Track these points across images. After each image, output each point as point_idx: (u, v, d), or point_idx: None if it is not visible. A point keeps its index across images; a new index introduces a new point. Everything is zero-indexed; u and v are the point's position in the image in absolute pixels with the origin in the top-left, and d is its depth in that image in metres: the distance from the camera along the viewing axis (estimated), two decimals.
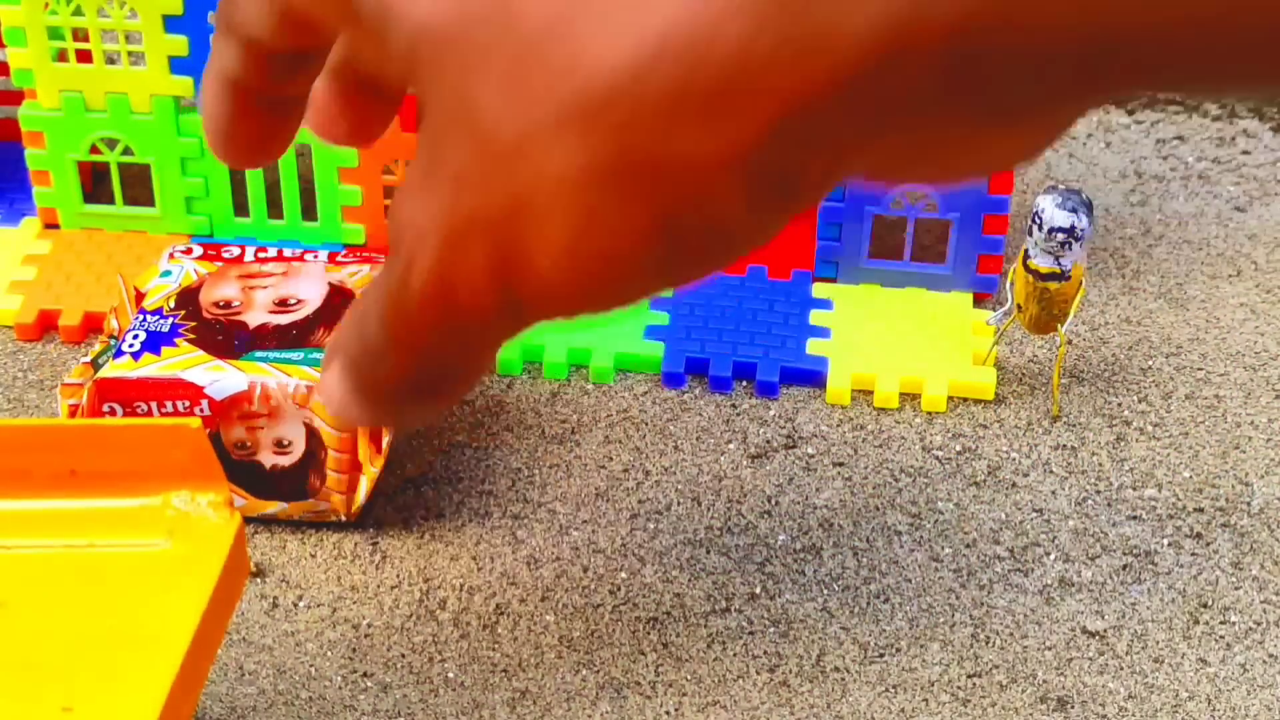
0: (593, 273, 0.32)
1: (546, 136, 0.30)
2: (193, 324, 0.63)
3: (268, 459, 0.61)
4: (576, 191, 0.31)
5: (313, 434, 0.60)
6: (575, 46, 0.30)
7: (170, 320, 0.63)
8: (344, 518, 0.62)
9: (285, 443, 0.61)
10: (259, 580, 0.62)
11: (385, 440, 0.61)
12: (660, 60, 0.29)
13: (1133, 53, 0.29)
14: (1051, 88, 0.30)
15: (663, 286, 0.34)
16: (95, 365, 0.62)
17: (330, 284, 0.65)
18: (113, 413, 0.60)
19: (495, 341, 0.36)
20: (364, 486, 0.61)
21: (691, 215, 0.31)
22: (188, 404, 0.60)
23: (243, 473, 0.61)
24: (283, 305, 0.64)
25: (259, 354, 0.61)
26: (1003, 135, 0.32)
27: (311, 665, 0.58)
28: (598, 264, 0.32)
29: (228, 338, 0.62)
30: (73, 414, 0.61)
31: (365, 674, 0.58)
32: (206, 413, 0.60)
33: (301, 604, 0.61)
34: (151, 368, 0.60)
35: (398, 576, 0.62)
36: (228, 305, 0.64)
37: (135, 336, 0.62)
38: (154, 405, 0.60)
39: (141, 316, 0.63)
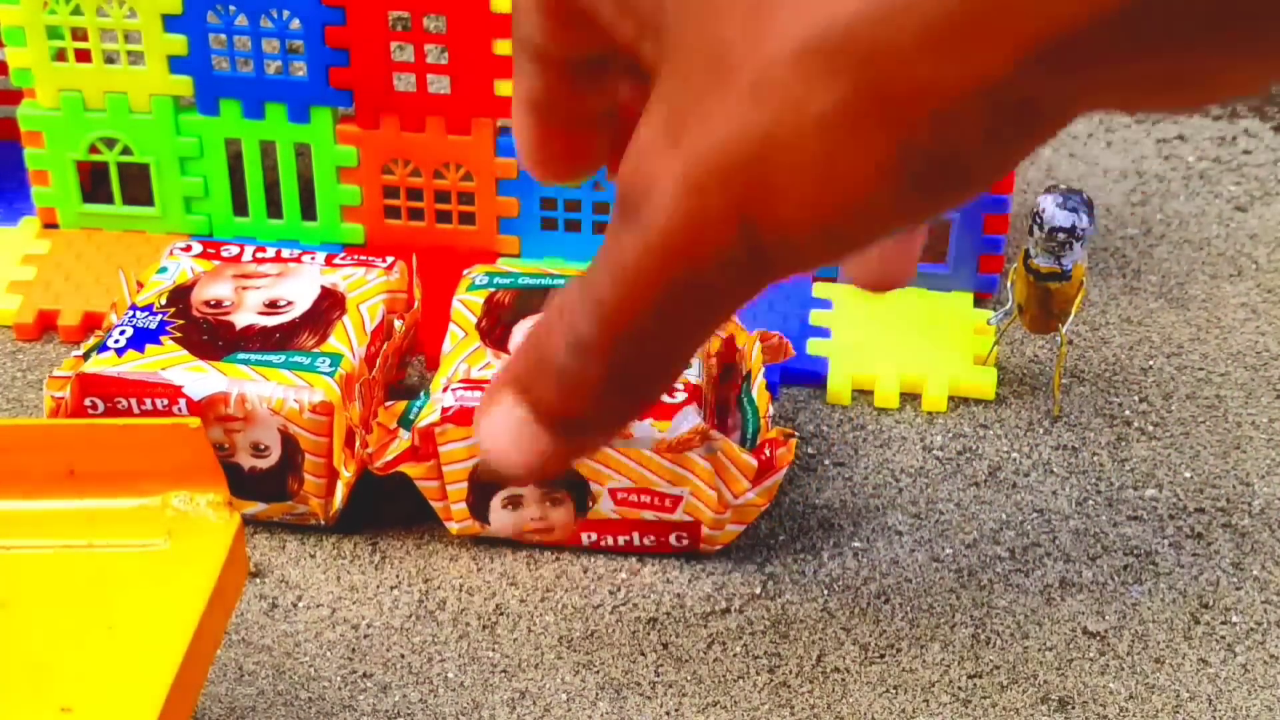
0: (836, 210, 0.32)
1: (791, 71, 0.30)
2: (180, 322, 0.63)
3: (246, 461, 0.61)
4: (821, 126, 0.31)
5: (289, 439, 0.60)
6: None
7: (159, 318, 0.63)
8: (323, 521, 0.62)
9: (262, 447, 0.61)
10: (258, 580, 0.61)
11: (358, 447, 0.61)
12: None
13: None
14: None
15: (897, 226, 0.34)
16: (85, 358, 0.62)
17: (323, 287, 0.65)
18: (94, 408, 0.60)
19: (734, 302, 0.35)
20: (340, 491, 0.61)
21: (934, 148, 0.31)
22: (166, 402, 0.60)
23: None
24: (272, 307, 0.64)
25: (241, 356, 0.61)
26: (1261, 60, 0.32)
27: (311, 666, 0.58)
28: (841, 200, 0.31)
29: (213, 338, 0.62)
30: (56, 407, 0.61)
31: (365, 674, 0.58)
32: (184, 412, 0.60)
33: (301, 604, 0.61)
34: (131, 365, 0.60)
35: (397, 576, 0.62)
36: (218, 305, 0.64)
37: (122, 332, 0.62)
38: (134, 402, 0.60)
39: (131, 312, 0.63)
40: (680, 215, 0.33)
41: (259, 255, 0.67)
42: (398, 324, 0.66)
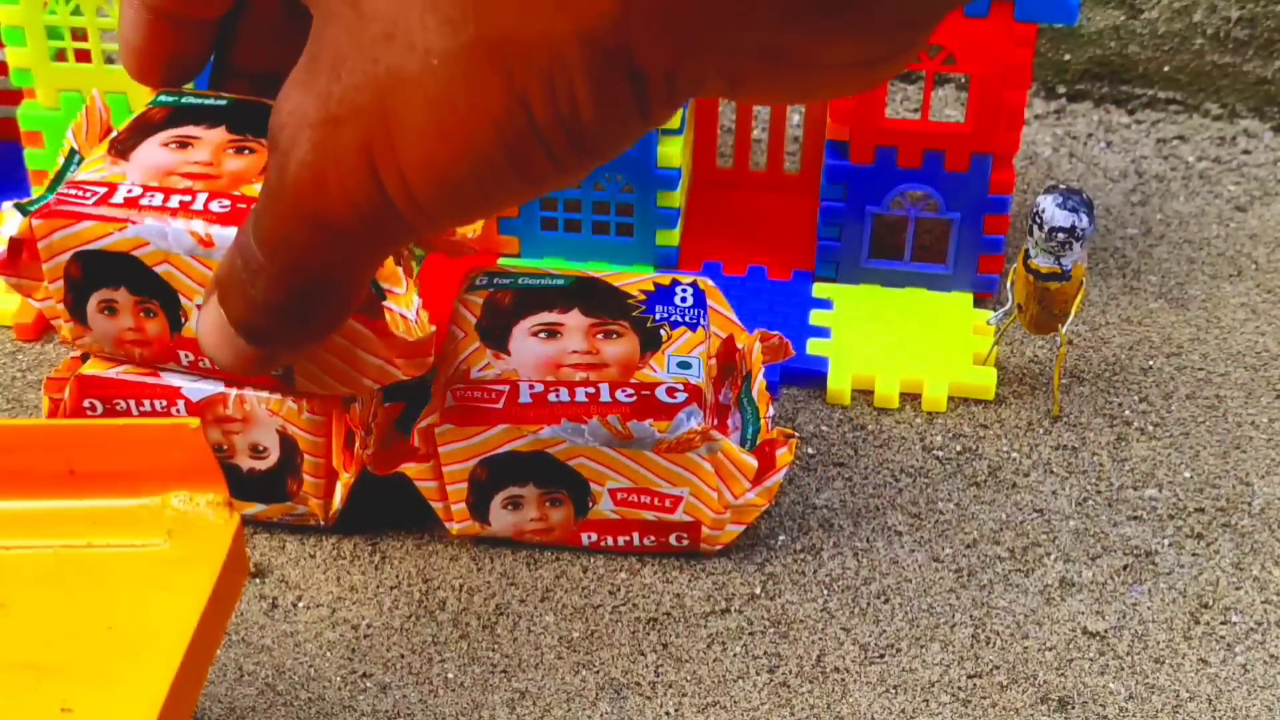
0: (453, 157, 0.33)
1: (419, 18, 0.32)
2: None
3: (244, 462, 0.61)
4: (440, 68, 0.32)
5: (288, 440, 0.60)
6: None
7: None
8: (322, 522, 0.62)
9: (261, 448, 0.61)
10: (258, 580, 0.61)
11: (357, 448, 0.61)
12: None
13: None
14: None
15: (520, 188, 0.35)
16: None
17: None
18: (93, 409, 0.60)
19: (369, 249, 0.36)
20: (339, 492, 0.61)
21: (543, 93, 0.32)
22: (165, 403, 0.60)
23: None
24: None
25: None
26: (853, 44, 0.33)
27: (311, 666, 0.58)
28: (458, 146, 0.32)
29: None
30: (55, 409, 0.61)
31: (365, 674, 0.58)
32: (183, 413, 0.60)
33: (301, 604, 0.61)
34: (118, 370, 0.60)
35: (397, 576, 0.62)
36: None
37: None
38: (132, 403, 0.60)
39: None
40: (311, 152, 0.34)
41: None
42: None
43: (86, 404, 0.61)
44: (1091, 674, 0.58)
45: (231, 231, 0.56)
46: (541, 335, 0.62)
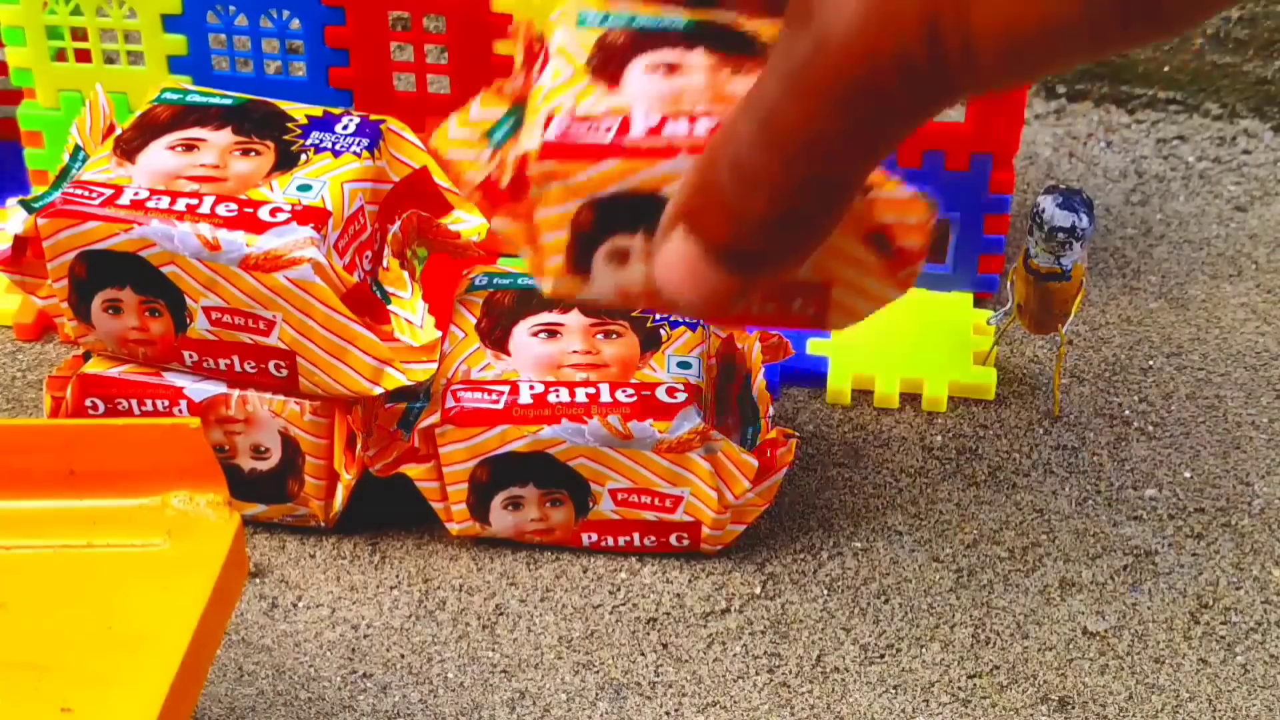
0: (1033, 26, 0.30)
1: None
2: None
3: (246, 463, 0.61)
4: None
5: (289, 441, 0.60)
6: None
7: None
8: (323, 523, 0.62)
9: (263, 449, 0.61)
10: (258, 580, 0.61)
11: (359, 450, 0.61)
12: None
13: None
14: None
15: (1088, 55, 0.32)
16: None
17: None
18: (95, 408, 0.60)
19: (903, 120, 0.33)
20: (340, 494, 0.61)
21: None
22: (167, 404, 0.60)
23: None
24: None
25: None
26: (1137, 44, 0.33)
27: (310, 666, 0.58)
28: (1042, 16, 0.30)
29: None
30: (56, 407, 0.61)
31: (364, 674, 0.58)
32: (185, 413, 0.60)
33: (300, 604, 0.61)
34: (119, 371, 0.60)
35: (397, 577, 0.62)
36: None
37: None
38: (134, 403, 0.60)
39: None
40: (862, 15, 0.31)
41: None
42: None
43: (89, 403, 0.61)
44: (1091, 674, 0.58)
45: (238, 235, 0.56)
46: (541, 335, 0.62)
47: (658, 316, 0.62)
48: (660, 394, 0.59)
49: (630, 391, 0.59)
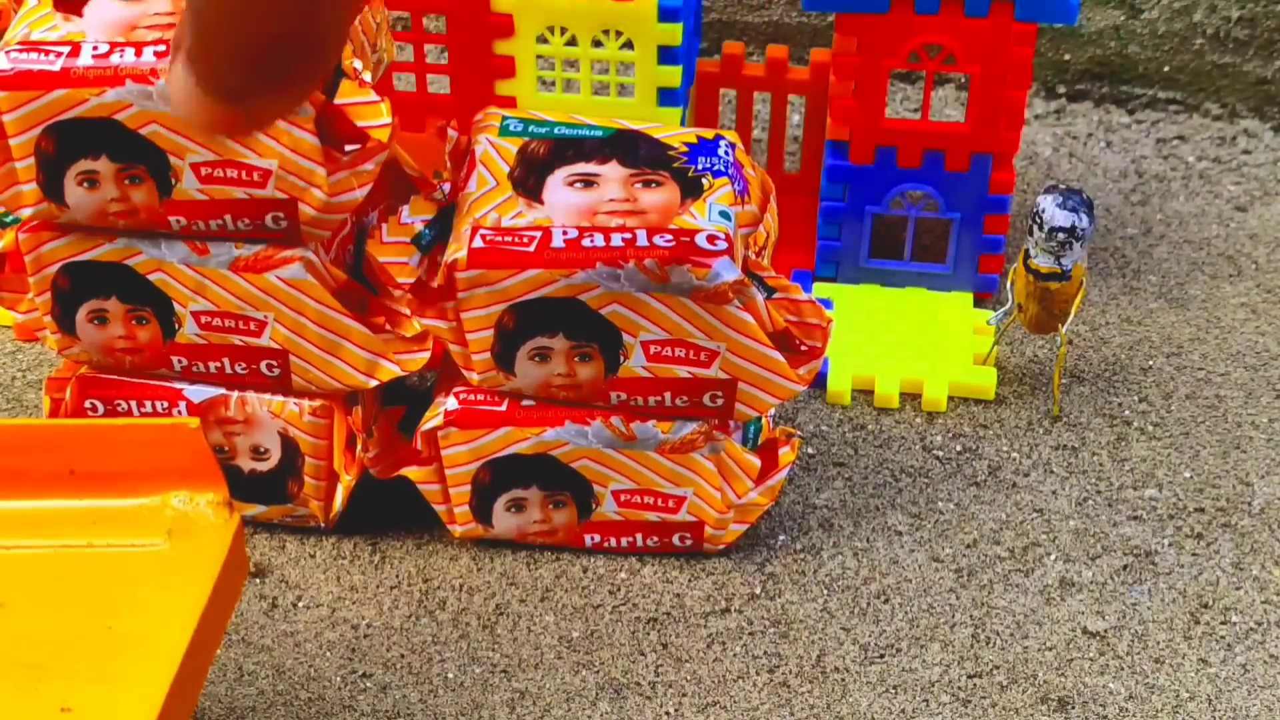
0: None
1: None
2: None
3: (246, 464, 0.61)
4: None
5: (289, 442, 0.60)
6: None
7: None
8: (323, 524, 0.62)
9: (262, 450, 0.61)
10: (258, 580, 0.61)
11: (359, 451, 0.60)
12: None
13: None
14: None
15: None
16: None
17: None
18: (94, 409, 0.60)
19: None
20: (340, 495, 0.61)
21: None
22: (166, 405, 0.60)
23: None
24: None
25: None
26: None
27: (311, 666, 0.58)
28: None
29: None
30: (56, 408, 0.61)
31: (364, 674, 0.58)
32: (184, 414, 0.60)
33: (300, 604, 0.61)
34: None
35: (397, 576, 0.62)
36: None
37: None
38: (134, 404, 0.60)
39: None
40: None
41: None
42: None
43: (88, 404, 0.60)
44: (1091, 674, 0.58)
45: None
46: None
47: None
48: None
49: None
